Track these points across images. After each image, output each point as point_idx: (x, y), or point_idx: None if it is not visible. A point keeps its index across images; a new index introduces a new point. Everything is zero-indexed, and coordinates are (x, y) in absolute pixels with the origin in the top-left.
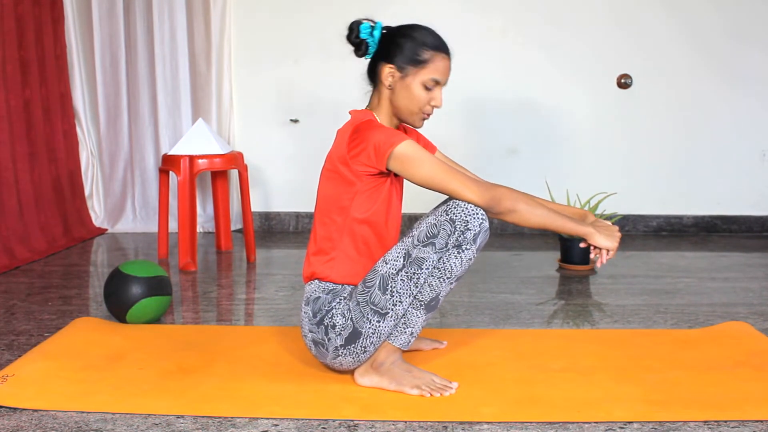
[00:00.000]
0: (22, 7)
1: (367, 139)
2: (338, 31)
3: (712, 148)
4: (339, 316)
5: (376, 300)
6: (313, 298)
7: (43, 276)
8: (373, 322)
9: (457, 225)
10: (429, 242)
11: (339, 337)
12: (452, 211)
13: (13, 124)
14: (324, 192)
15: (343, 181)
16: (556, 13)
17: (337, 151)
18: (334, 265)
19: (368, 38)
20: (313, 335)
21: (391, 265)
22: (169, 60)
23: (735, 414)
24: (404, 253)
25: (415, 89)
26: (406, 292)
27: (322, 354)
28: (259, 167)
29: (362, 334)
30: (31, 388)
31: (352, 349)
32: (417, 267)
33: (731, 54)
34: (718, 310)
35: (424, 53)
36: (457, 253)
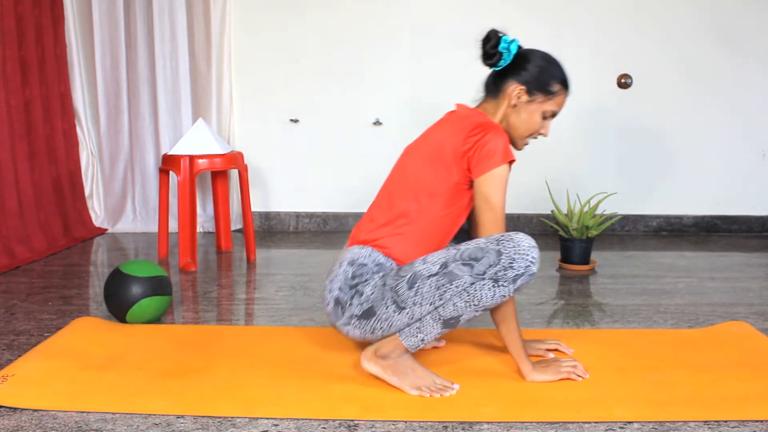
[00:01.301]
0: (22, 7)
1: (487, 144)
2: (338, 31)
3: (712, 148)
4: (369, 288)
5: (400, 291)
6: (359, 262)
7: (43, 276)
8: (389, 310)
9: (503, 259)
10: (469, 263)
11: (359, 307)
12: (504, 244)
13: (13, 124)
14: (419, 170)
15: (445, 168)
16: (555, 13)
17: (451, 139)
18: (398, 242)
19: (504, 52)
20: (340, 294)
21: (427, 267)
22: (170, 60)
23: (735, 414)
24: (443, 261)
25: (536, 116)
26: (429, 298)
27: (336, 314)
28: (259, 167)
29: (376, 315)
30: (31, 388)
31: (363, 324)
32: (448, 280)
33: (731, 54)
34: (718, 310)
35: (554, 85)
36: (492, 285)
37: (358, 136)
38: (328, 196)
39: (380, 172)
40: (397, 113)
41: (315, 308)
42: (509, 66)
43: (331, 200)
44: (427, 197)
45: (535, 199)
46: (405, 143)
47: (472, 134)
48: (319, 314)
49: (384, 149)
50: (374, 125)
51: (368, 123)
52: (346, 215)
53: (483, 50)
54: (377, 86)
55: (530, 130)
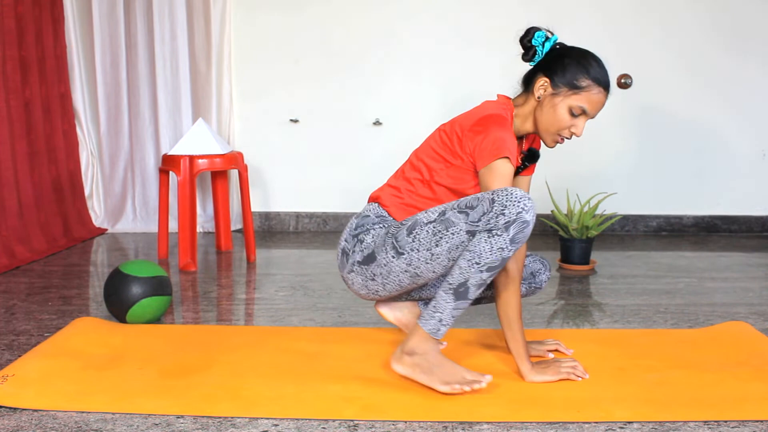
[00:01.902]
0: (22, 7)
1: (487, 134)
2: (338, 31)
3: (712, 148)
4: (369, 236)
5: (399, 237)
6: (363, 214)
7: (43, 276)
8: (388, 255)
9: (495, 206)
10: (464, 210)
11: (360, 254)
12: (498, 193)
13: (13, 124)
14: (434, 143)
15: (451, 147)
16: (555, 13)
17: (462, 122)
18: (397, 203)
19: (538, 46)
20: (345, 244)
21: (427, 215)
22: (170, 60)
23: (735, 414)
24: (442, 209)
25: (560, 110)
26: (426, 244)
27: (342, 263)
28: (259, 167)
29: (376, 260)
30: (31, 388)
31: (364, 270)
32: (444, 227)
33: (731, 54)
34: (718, 310)
35: (582, 80)
36: (488, 236)
37: (358, 136)
38: (328, 196)
39: (380, 172)
40: (397, 113)
41: (315, 308)
42: (543, 62)
43: (331, 200)
44: (428, 170)
45: (535, 198)
46: (405, 143)
47: (476, 125)
48: (319, 314)
49: (384, 149)
50: (374, 125)
51: (368, 123)
52: (346, 215)
53: (521, 44)
54: (377, 86)
55: (555, 126)
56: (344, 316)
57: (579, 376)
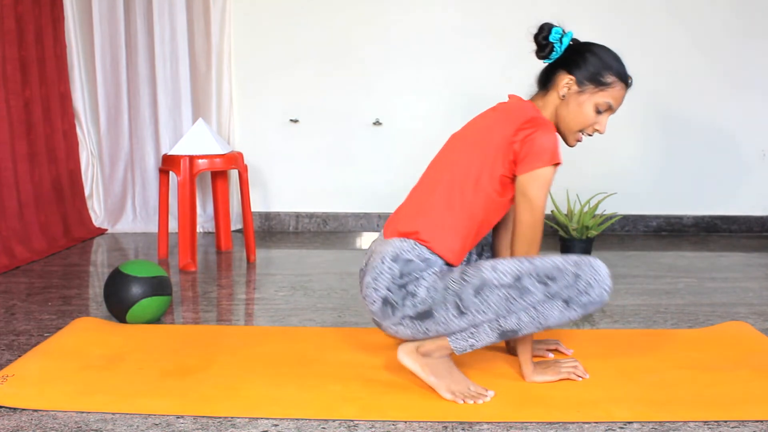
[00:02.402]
0: (22, 7)
1: (536, 141)
2: (338, 31)
3: (712, 148)
4: (423, 289)
5: (464, 297)
6: (404, 258)
7: (43, 276)
8: (449, 314)
9: (579, 283)
10: (544, 281)
11: (413, 309)
12: (582, 268)
13: (13, 124)
14: (466, 159)
15: (492, 159)
16: (555, 13)
17: (501, 129)
18: (440, 235)
19: (556, 43)
20: (389, 294)
21: (498, 276)
22: (170, 60)
23: (735, 414)
24: (517, 273)
25: (586, 108)
26: (495, 308)
27: (384, 314)
28: (259, 167)
29: (434, 317)
30: (31, 388)
31: (417, 325)
32: (519, 294)
33: (731, 54)
34: (718, 310)
35: (608, 76)
36: (563, 308)
37: (358, 136)
38: (328, 196)
39: (380, 172)
40: (397, 113)
41: (315, 308)
42: (562, 59)
43: (331, 200)
44: (472, 187)
45: None
46: (405, 143)
47: (523, 127)
48: (319, 314)
49: (384, 149)
50: (374, 125)
51: (368, 123)
52: (346, 215)
53: (535, 41)
54: (377, 86)
55: (581, 124)
56: (344, 316)
57: (579, 376)
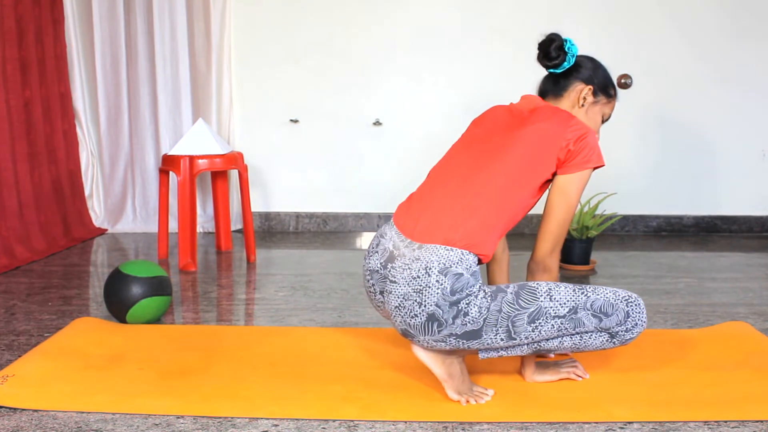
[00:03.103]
0: (22, 7)
1: (588, 142)
2: (338, 31)
3: (712, 148)
4: (476, 309)
5: (518, 323)
6: (454, 272)
7: (43, 276)
8: (498, 337)
9: (628, 323)
10: (599, 316)
11: (462, 328)
12: (633, 307)
13: (13, 124)
14: (515, 154)
15: (545, 164)
16: (555, 13)
17: (552, 127)
18: (485, 239)
19: (569, 54)
20: (438, 311)
21: (555, 306)
22: (170, 60)
23: (735, 414)
24: (573, 305)
25: (598, 118)
26: (545, 335)
27: (427, 329)
28: (259, 167)
29: (481, 338)
30: (31, 388)
31: (460, 343)
32: (573, 326)
33: (731, 54)
34: (718, 310)
35: (611, 89)
36: (606, 340)
37: (358, 136)
38: (328, 196)
39: (380, 172)
40: (397, 113)
41: (315, 308)
42: (573, 69)
43: (331, 200)
44: (519, 190)
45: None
46: (405, 143)
47: (574, 129)
48: (319, 314)
49: (384, 149)
50: (374, 125)
51: (368, 123)
52: (346, 215)
53: (545, 51)
54: (377, 86)
55: (594, 129)
56: (344, 316)
57: (579, 376)
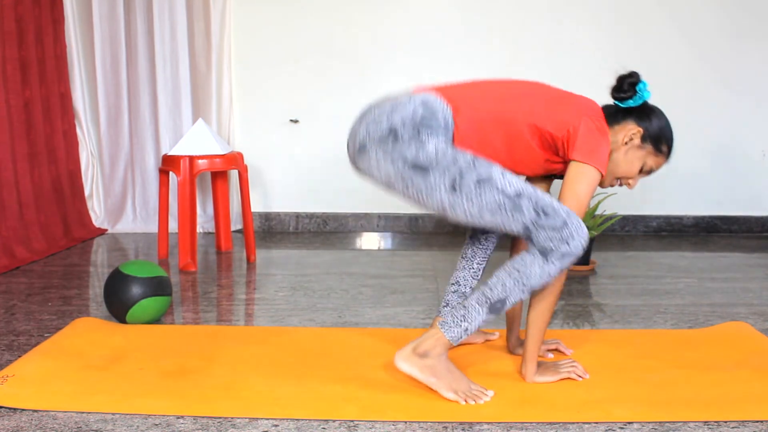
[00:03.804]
0: (22, 7)
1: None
2: (338, 31)
3: (712, 148)
4: (433, 146)
5: (466, 178)
6: (433, 108)
7: (43, 276)
8: (442, 183)
9: (564, 232)
10: (539, 211)
11: (413, 155)
12: (572, 219)
13: (13, 124)
14: (543, 100)
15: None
16: (555, 13)
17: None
18: (470, 116)
19: (639, 92)
20: (400, 127)
21: (505, 182)
22: (170, 60)
23: (735, 414)
24: (520, 191)
25: (636, 163)
26: (484, 206)
27: (382, 142)
28: (259, 167)
29: (426, 177)
30: (31, 388)
31: (404, 172)
32: (512, 208)
33: (731, 54)
34: (718, 310)
35: (664, 146)
36: (542, 263)
37: None
38: (328, 196)
39: None
40: None
41: (315, 308)
42: (635, 109)
43: (331, 200)
44: (533, 125)
45: None
46: None
47: (594, 117)
48: (319, 314)
49: None
50: None
51: None
52: (346, 215)
53: (619, 83)
54: (377, 86)
55: (625, 173)
56: (344, 316)
57: (579, 376)
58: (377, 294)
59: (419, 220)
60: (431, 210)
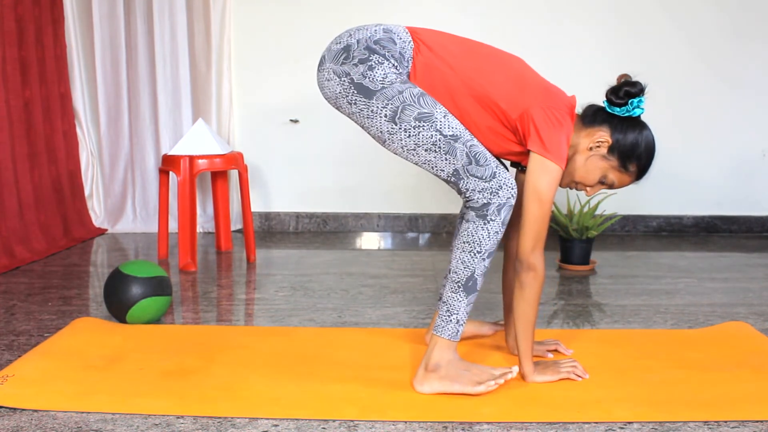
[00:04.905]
0: (22, 7)
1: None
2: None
3: (712, 148)
4: (381, 72)
5: (407, 111)
6: (394, 35)
7: (43, 276)
8: (382, 111)
9: (492, 183)
10: (471, 159)
11: (359, 76)
12: (501, 172)
13: (13, 124)
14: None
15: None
16: (555, 13)
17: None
18: (439, 62)
19: (630, 105)
20: (355, 46)
21: (443, 124)
22: (170, 60)
23: (735, 414)
24: (458, 135)
25: (595, 173)
26: (419, 141)
27: (337, 56)
28: (259, 167)
29: (368, 101)
30: (31, 388)
31: (348, 90)
32: (446, 150)
33: (731, 54)
34: (718, 310)
35: (631, 165)
36: (483, 224)
37: (358, 136)
38: (328, 196)
39: (380, 172)
40: None
41: (315, 308)
42: (616, 117)
43: (331, 200)
44: (486, 95)
45: None
46: None
47: (553, 108)
48: (319, 314)
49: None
50: None
51: None
52: (346, 215)
53: (618, 87)
54: None
55: (581, 179)
56: (344, 317)
57: (579, 376)
58: (377, 294)
59: (419, 220)
60: (372, 136)
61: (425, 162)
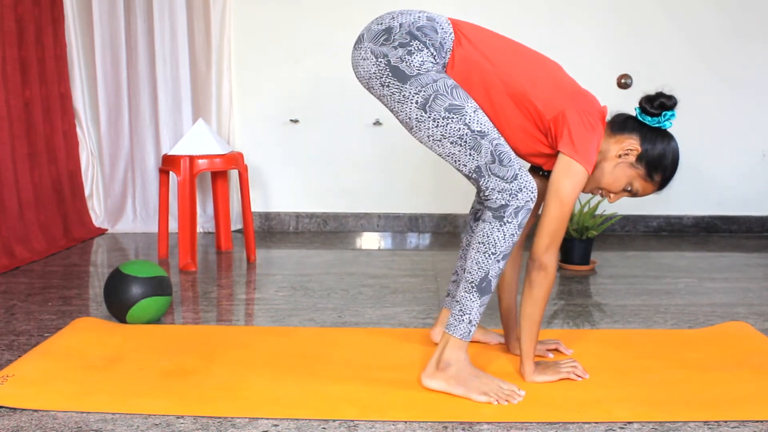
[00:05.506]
0: (22, 7)
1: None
2: (338, 31)
3: (712, 148)
4: (419, 59)
5: (439, 101)
6: (437, 25)
7: (43, 276)
8: (415, 96)
9: (513, 184)
10: (495, 157)
11: (398, 59)
12: (523, 174)
13: (13, 124)
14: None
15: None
16: (555, 13)
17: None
18: (469, 69)
19: (662, 118)
20: (396, 29)
21: (473, 119)
22: (170, 60)
23: (735, 414)
24: (486, 132)
25: (622, 180)
26: (446, 132)
27: (378, 36)
28: (259, 167)
29: (402, 84)
30: (31, 388)
31: (384, 71)
32: (472, 144)
33: (731, 54)
34: (718, 310)
35: (657, 175)
36: (499, 226)
37: (358, 136)
38: (328, 196)
39: (380, 172)
40: None
41: (315, 308)
42: (644, 127)
43: (331, 200)
44: (523, 94)
45: None
46: (405, 143)
47: (587, 113)
48: (319, 314)
49: (384, 149)
50: (374, 125)
51: (368, 123)
52: (346, 215)
53: (653, 98)
54: None
55: (607, 186)
56: (344, 317)
57: (579, 376)
58: (377, 294)
59: (419, 220)
60: (400, 121)
61: (449, 155)
